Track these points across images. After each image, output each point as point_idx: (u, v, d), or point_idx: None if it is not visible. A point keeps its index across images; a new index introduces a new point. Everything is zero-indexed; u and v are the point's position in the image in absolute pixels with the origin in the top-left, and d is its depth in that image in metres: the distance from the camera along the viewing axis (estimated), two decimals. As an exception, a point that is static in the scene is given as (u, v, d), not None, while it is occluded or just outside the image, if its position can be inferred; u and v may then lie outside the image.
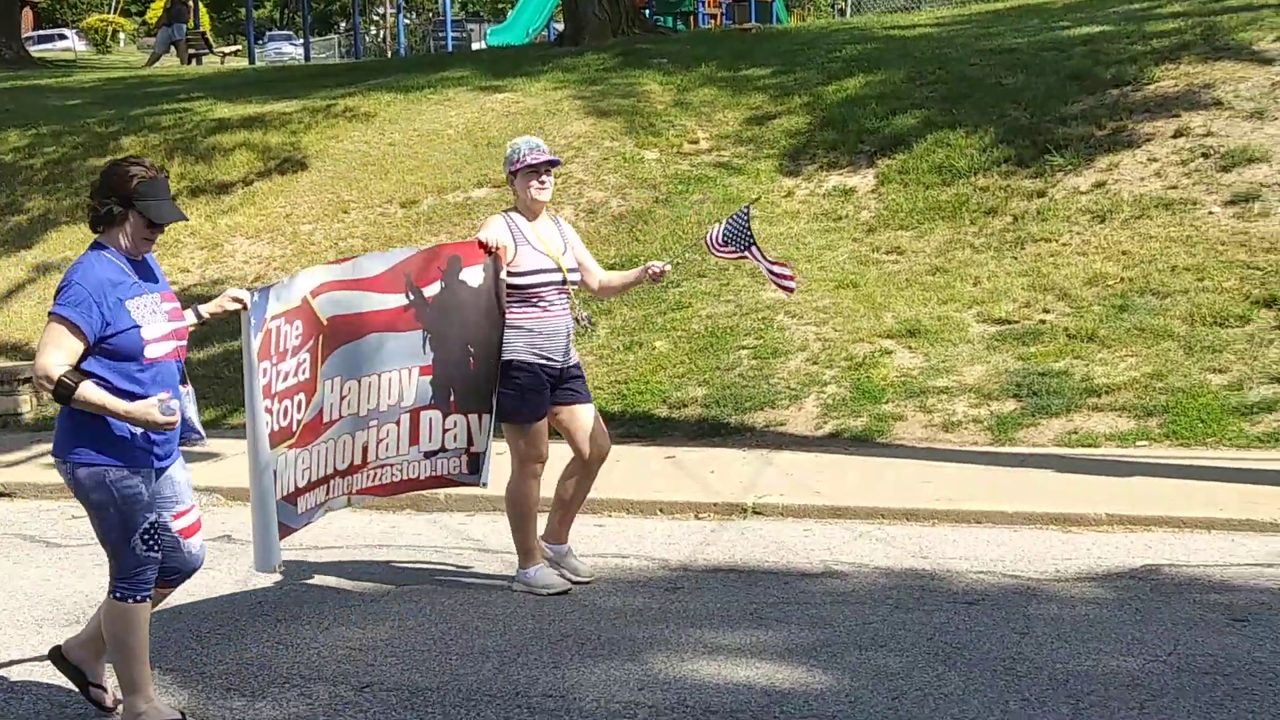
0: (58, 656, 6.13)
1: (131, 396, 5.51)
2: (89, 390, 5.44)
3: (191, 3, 38.01)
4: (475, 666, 6.61)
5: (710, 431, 11.24)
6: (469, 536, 9.28)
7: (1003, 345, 11.72)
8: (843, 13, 43.39)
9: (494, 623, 7.31)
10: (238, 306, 6.43)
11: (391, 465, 7.50)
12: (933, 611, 7.18)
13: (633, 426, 11.45)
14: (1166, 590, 7.41)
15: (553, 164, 7.71)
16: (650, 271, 7.83)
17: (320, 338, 6.95)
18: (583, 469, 7.97)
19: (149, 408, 5.42)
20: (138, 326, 5.56)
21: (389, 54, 47.24)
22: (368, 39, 51.85)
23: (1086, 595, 7.44)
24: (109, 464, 5.57)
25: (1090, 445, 10.26)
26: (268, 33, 61.83)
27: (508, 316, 7.58)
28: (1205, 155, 13.66)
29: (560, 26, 29.03)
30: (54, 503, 10.71)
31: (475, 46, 41.77)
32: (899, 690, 6.04)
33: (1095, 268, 12.50)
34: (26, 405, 13.40)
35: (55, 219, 17.18)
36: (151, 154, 18.33)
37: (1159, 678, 6.11)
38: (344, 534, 9.42)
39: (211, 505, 10.30)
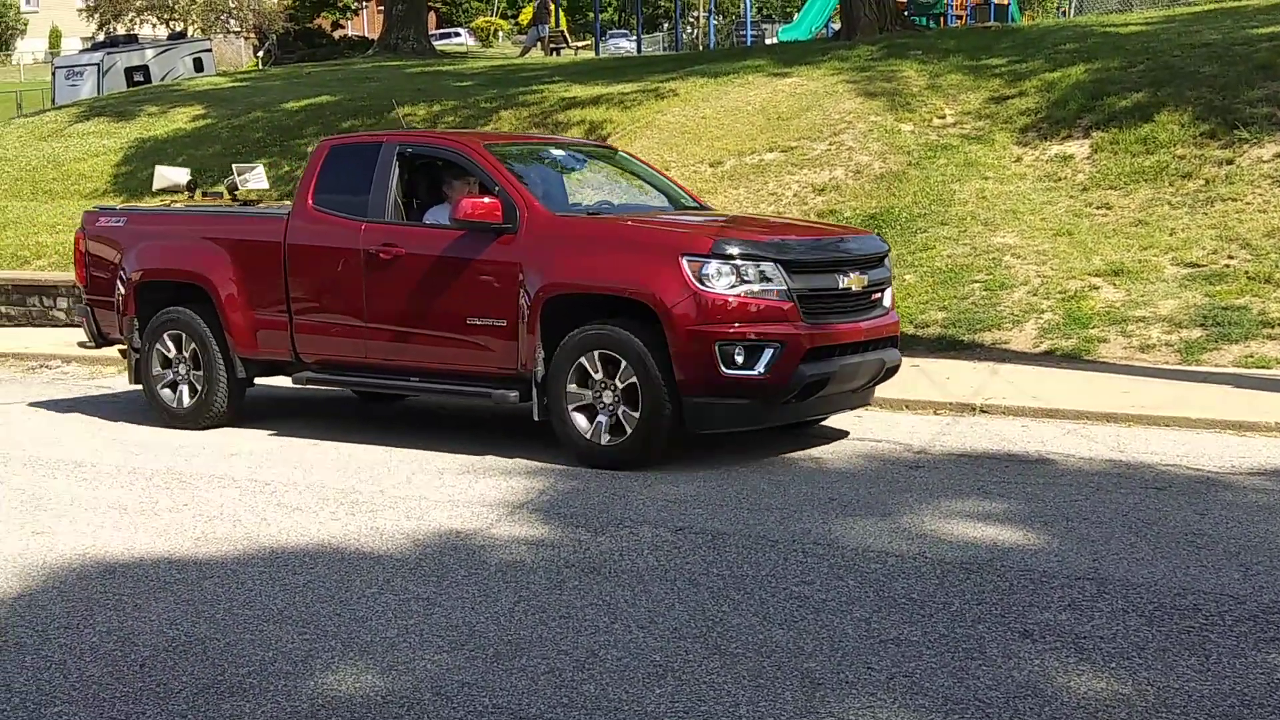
0: None
1: None
2: None
3: (553, 6, 38.50)
4: (761, 518, 6.66)
5: (947, 347, 11.03)
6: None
7: (1192, 284, 11.17)
8: (1065, 14, 41.58)
9: (776, 486, 7.35)
10: None
11: None
12: (1127, 494, 6.96)
13: (886, 340, 11.32)
14: (1325, 486, 7.04)
15: None
16: None
17: None
18: None
19: None
20: None
21: (701, 47, 47.12)
22: (686, 36, 51.75)
23: (1257, 486, 7.12)
24: None
25: (1264, 367, 9.77)
26: (609, 31, 62.13)
27: None
28: (1374, 131, 12.73)
29: (837, 25, 28.47)
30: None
31: (769, 41, 41.29)
32: (1098, 554, 5.88)
33: (1273, 222, 11.81)
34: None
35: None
36: (521, 124, 18.69)
37: (1317, 556, 5.83)
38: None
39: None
